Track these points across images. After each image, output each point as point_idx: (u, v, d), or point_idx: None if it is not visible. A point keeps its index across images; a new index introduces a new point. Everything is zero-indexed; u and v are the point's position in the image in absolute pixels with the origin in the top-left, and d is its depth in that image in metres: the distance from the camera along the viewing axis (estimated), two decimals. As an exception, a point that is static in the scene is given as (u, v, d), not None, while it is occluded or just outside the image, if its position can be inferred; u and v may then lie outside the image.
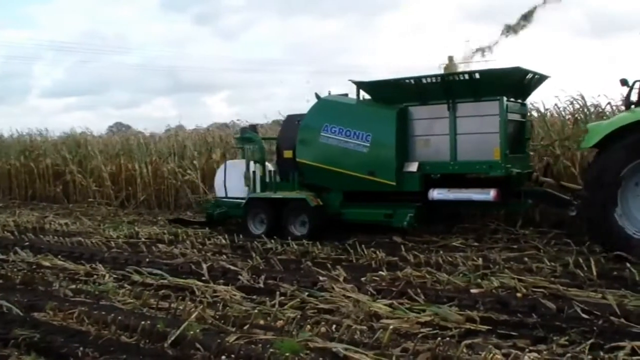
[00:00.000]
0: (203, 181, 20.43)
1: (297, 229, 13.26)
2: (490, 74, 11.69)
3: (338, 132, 12.83)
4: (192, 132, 25.04)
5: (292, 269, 10.18)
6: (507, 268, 9.36)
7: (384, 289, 8.33)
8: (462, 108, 11.84)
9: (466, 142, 11.80)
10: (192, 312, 7.07)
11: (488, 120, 11.53)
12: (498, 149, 11.39)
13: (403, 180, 12.31)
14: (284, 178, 14.02)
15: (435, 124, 12.16)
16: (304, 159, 13.40)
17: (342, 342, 5.99)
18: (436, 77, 12.21)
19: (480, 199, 11.70)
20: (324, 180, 13.28)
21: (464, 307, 7.34)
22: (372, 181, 12.50)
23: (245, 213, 14.10)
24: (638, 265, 8.88)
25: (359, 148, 12.59)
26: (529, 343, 6.02)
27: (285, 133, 14.37)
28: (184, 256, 11.28)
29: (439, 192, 12.02)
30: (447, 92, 11.83)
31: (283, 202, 13.53)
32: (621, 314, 6.73)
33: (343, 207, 13.23)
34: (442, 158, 12.05)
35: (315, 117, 13.37)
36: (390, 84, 12.71)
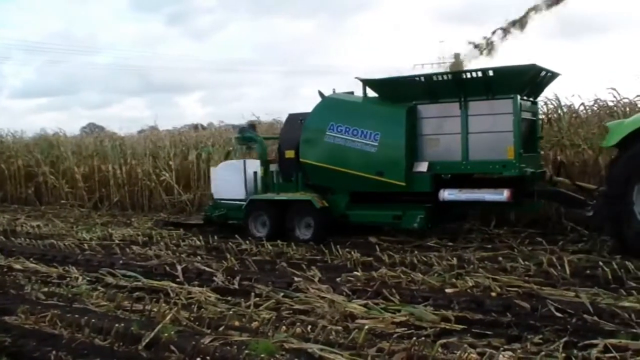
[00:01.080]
0: (178, 182, 20.35)
1: (302, 231, 12.90)
2: (504, 71, 11.34)
3: (344, 131, 12.49)
4: (167, 133, 24.89)
5: (267, 269, 10.16)
6: (481, 268, 9.42)
7: (359, 289, 8.34)
8: (475, 106, 11.55)
9: (478, 141, 11.51)
10: (166, 314, 7.03)
11: (501, 118, 11.27)
12: (512, 148, 11.15)
13: (413, 180, 11.99)
14: (286, 179, 13.69)
15: (445, 123, 11.86)
16: (308, 159, 13.02)
17: (317, 342, 5.98)
18: (448, 74, 12.00)
19: (494, 200, 11.42)
20: (329, 181, 12.96)
21: (439, 306, 7.37)
22: (381, 182, 12.17)
23: (246, 215, 13.71)
24: (610, 264, 8.97)
25: (367, 148, 12.25)
26: (503, 342, 6.04)
27: (287, 132, 13.99)
28: (158, 258, 11.22)
29: (449, 192, 11.74)
30: (459, 89, 11.56)
31: (287, 203, 13.19)
32: (594, 312, 6.80)
33: (349, 209, 12.91)
34: (453, 158, 11.74)
35: (320, 116, 13.01)
36: (400, 81, 12.44)
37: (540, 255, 10.05)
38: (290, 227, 12.97)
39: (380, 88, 12.74)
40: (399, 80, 12.42)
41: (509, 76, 11.21)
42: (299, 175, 13.26)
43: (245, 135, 14.76)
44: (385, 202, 12.66)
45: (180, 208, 20.03)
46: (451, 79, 11.72)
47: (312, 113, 13.18)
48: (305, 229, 12.89)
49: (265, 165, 14.15)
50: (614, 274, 8.51)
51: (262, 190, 13.94)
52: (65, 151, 23.95)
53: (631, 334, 6.03)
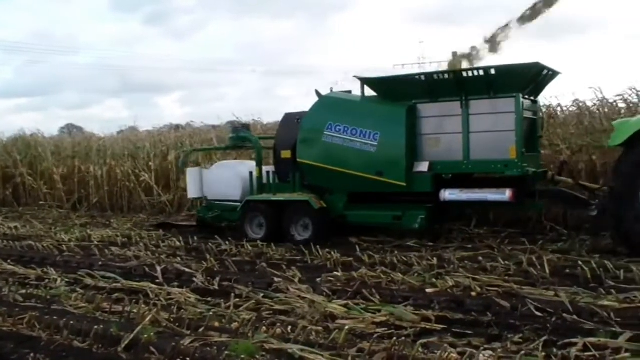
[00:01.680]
0: (157, 183, 20.28)
1: (300, 232, 12.67)
2: (507, 69, 11.20)
3: (343, 131, 12.27)
4: (147, 134, 24.78)
5: (247, 270, 10.13)
6: (461, 267, 9.44)
7: (339, 290, 8.34)
8: (476, 105, 11.41)
9: (480, 140, 11.38)
10: (146, 316, 6.99)
11: (503, 117, 11.16)
12: (514, 148, 11.04)
13: (413, 180, 11.82)
14: (282, 179, 13.47)
15: (446, 122, 11.72)
16: (306, 159, 12.77)
17: (297, 343, 5.96)
18: (449, 72, 11.84)
19: (496, 200, 11.30)
20: (327, 182, 12.76)
21: (419, 306, 7.38)
22: (380, 182, 11.98)
23: (242, 216, 13.45)
24: (589, 263, 9.03)
25: (366, 147, 12.05)
26: (483, 341, 6.05)
27: (283, 132, 13.79)
28: (137, 259, 11.15)
29: (451, 192, 11.59)
30: (460, 88, 11.42)
31: (284, 204, 12.98)
32: (573, 311, 6.83)
33: (347, 210, 12.72)
34: (454, 157, 11.59)
35: (318, 115, 12.79)
36: (399, 80, 12.35)
37: (520, 254, 10.09)
38: (287, 228, 12.76)
39: (379, 87, 12.54)
40: (399, 78, 12.34)
41: (512, 75, 11.11)
42: (296, 175, 13.07)
43: (240, 135, 14.50)
44: (385, 202, 12.53)
45: (160, 209, 19.97)
46: (452, 77, 11.62)
47: (310, 112, 12.99)
48: (303, 230, 12.69)
49: (260, 166, 13.93)
50: (593, 273, 8.58)
51: (258, 191, 13.75)
52: (44, 152, 23.78)
53: (610, 332, 6.05)
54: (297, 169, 13.07)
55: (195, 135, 21.95)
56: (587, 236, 11.62)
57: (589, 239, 11.39)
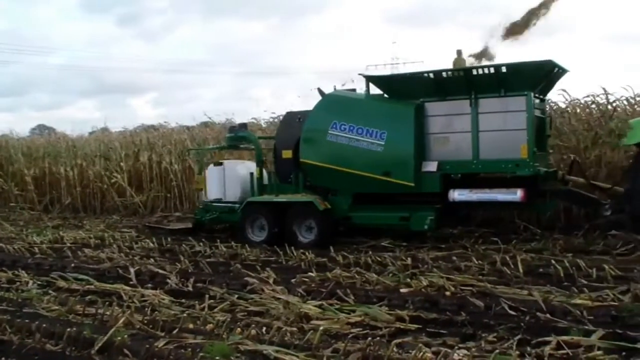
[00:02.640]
0: (130, 184, 20.17)
1: (304, 235, 12.37)
2: (519, 67, 11.04)
3: (348, 130, 11.99)
4: (118, 134, 24.63)
5: (221, 271, 10.10)
6: (435, 267, 9.48)
7: (314, 290, 8.33)
8: (486, 103, 11.23)
9: (490, 139, 11.18)
10: (119, 318, 6.94)
11: (514, 116, 10.98)
12: (525, 147, 10.87)
13: (421, 180, 11.59)
14: (283, 180, 13.12)
15: (455, 121, 11.50)
16: (309, 159, 12.48)
17: (272, 344, 5.96)
18: (458, 70, 11.69)
19: (507, 200, 11.14)
20: (332, 182, 12.46)
21: (393, 306, 7.40)
22: (388, 182, 11.72)
23: (242, 218, 13.04)
24: (562, 262, 9.10)
25: (373, 147, 11.79)
26: (458, 340, 6.08)
27: (284, 131, 13.50)
28: (110, 260, 11.07)
29: (460, 192, 11.42)
30: (470, 86, 11.23)
31: (287, 206, 12.58)
32: (547, 309, 6.88)
33: (352, 211, 12.41)
34: (463, 157, 11.39)
35: (322, 114, 12.50)
36: (407, 78, 12.13)
37: (494, 254, 10.15)
38: (290, 230, 12.39)
39: (386, 85, 12.36)
40: (407, 76, 12.15)
41: (523, 72, 10.99)
42: (299, 176, 12.79)
43: (238, 135, 14.12)
44: (391, 203, 12.32)
45: (133, 210, 19.85)
46: (462, 75, 11.43)
47: (314, 111, 12.72)
48: (306, 232, 12.38)
49: (260, 166, 13.60)
50: (566, 272, 8.65)
51: (258, 192, 13.40)
52: (15, 153, 23.55)
53: (583, 330, 6.11)
54: (298, 169, 12.80)
55: (167, 136, 21.84)
56: (559, 235, 11.69)
57: (561, 238, 11.46)
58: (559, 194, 11.95)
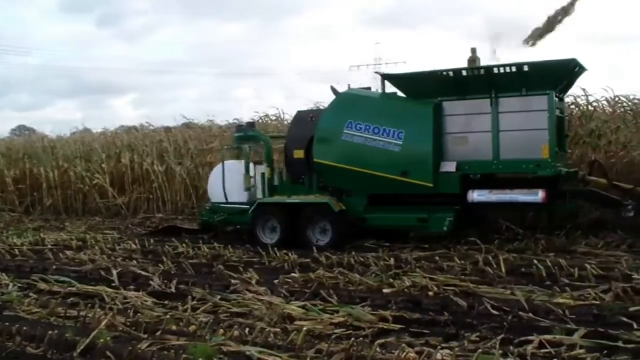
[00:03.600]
0: (112, 185, 20.08)
1: (317, 237, 12.16)
2: (541, 65, 10.88)
3: (364, 130, 11.79)
4: (99, 135, 24.52)
5: (204, 272, 10.07)
6: (418, 267, 9.50)
7: (297, 291, 8.32)
8: (506, 103, 11.10)
9: (510, 139, 11.03)
10: (101, 320, 6.88)
11: (536, 115, 10.85)
12: (547, 147, 10.74)
13: (439, 181, 11.42)
14: (295, 180, 13.01)
15: (474, 120, 11.35)
16: (323, 159, 12.26)
17: (255, 345, 5.93)
18: (478, 69, 11.47)
19: (528, 201, 11.00)
20: (346, 183, 12.24)
21: (376, 306, 7.40)
22: (405, 183, 11.55)
23: (253, 220, 12.79)
24: (544, 261, 9.15)
25: (390, 147, 11.60)
26: (441, 340, 6.08)
27: (296, 131, 13.22)
28: (92, 262, 11.01)
29: (479, 193, 11.22)
30: (490, 85, 11.13)
31: (300, 207, 12.35)
32: (529, 309, 6.90)
33: (367, 212, 12.19)
34: (483, 157, 11.24)
35: (337, 113, 12.32)
36: (425, 76, 11.85)
37: (476, 254, 10.19)
38: (303, 232, 12.18)
39: (403, 83, 12.20)
40: (425, 75, 11.88)
41: (546, 71, 10.89)
42: (313, 176, 12.60)
43: (248, 134, 13.78)
44: (406, 204, 12.12)
45: (115, 211, 19.78)
46: (482, 74, 11.26)
47: (328, 110, 12.57)
48: (320, 234, 12.17)
49: (271, 166, 13.29)
50: (548, 272, 8.70)
51: (269, 192, 13.11)
52: (-5, 154, 23.41)
53: (565, 329, 6.14)
54: (310, 169, 12.62)
55: (149, 137, 21.77)
56: (542, 235, 11.75)
57: (543, 238, 11.52)
58: (580, 195, 11.83)
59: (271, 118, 20.17)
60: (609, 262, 9.44)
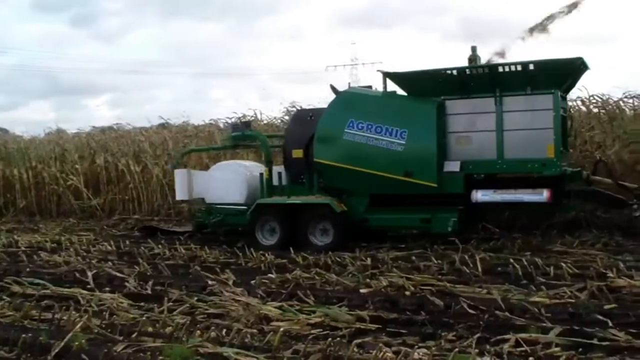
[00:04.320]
0: (87, 186, 19.94)
1: (318, 238, 11.94)
2: (547, 64, 10.76)
3: (366, 129, 11.56)
4: (74, 136, 24.33)
5: (180, 274, 10.02)
6: (395, 267, 9.51)
7: (274, 292, 8.31)
8: (511, 102, 10.96)
9: (515, 138, 10.90)
10: (76, 322, 6.82)
11: (541, 115, 10.72)
12: (552, 146, 10.59)
13: (443, 181, 11.25)
14: (294, 180, 12.66)
15: (478, 119, 11.19)
16: (324, 159, 12.00)
17: (232, 346, 5.91)
18: (483, 67, 11.33)
19: (533, 201, 10.88)
20: (348, 183, 12.01)
21: (353, 306, 7.39)
22: (409, 183, 11.35)
23: (251, 222, 12.56)
24: (520, 260, 9.20)
25: (393, 146, 11.39)
26: (418, 340, 6.10)
27: (295, 130, 12.95)
28: (67, 264, 10.92)
29: (483, 193, 11.06)
30: (494, 84, 10.96)
31: (300, 208, 12.14)
32: (505, 308, 6.93)
33: (369, 213, 11.99)
34: (487, 156, 11.08)
35: (338, 112, 12.05)
36: (428, 75, 11.61)
37: (453, 253, 10.22)
38: (304, 234, 11.97)
39: (405, 82, 12.00)
40: (428, 73, 11.65)
41: (552, 70, 10.80)
42: (314, 176, 12.29)
43: (245, 133, 13.53)
44: (409, 204, 11.94)
45: (91, 213, 19.65)
46: (487, 72, 11.12)
47: (329, 109, 12.29)
48: (321, 235, 11.97)
49: (269, 166, 12.99)
50: (524, 271, 8.75)
51: (267, 193, 12.80)
52: (-33, 155, 23.14)
53: (541, 327, 6.18)
54: (310, 169, 12.36)
55: (123, 137, 21.65)
56: (518, 234, 11.81)
57: (520, 237, 11.58)
58: (584, 195, 11.80)
59: (248, 119, 20.09)
60: (584, 261, 9.51)
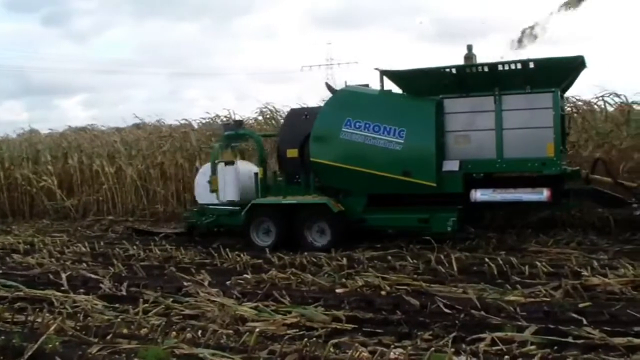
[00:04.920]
0: (60, 187, 19.78)
1: (315, 238, 11.81)
2: (547, 62, 10.63)
3: (364, 128, 11.39)
4: (46, 136, 24.11)
5: (155, 275, 9.97)
6: (371, 267, 9.53)
7: (250, 292, 8.29)
8: (510, 100, 10.87)
9: (514, 137, 10.80)
10: (50, 325, 6.76)
11: (540, 113, 10.63)
12: (552, 145, 10.53)
13: (442, 180, 11.14)
14: (289, 180, 12.49)
15: (477, 118, 11.09)
16: (320, 158, 11.82)
17: (208, 347, 5.89)
18: (482, 65, 11.14)
19: (533, 200, 10.80)
20: (345, 183, 11.84)
21: (329, 307, 7.41)
22: (407, 182, 11.21)
23: (247, 222, 12.35)
24: (496, 260, 9.25)
25: (391, 145, 11.23)
26: (394, 339, 6.12)
27: (289, 129, 12.78)
28: (41, 266, 10.81)
29: (482, 193, 10.98)
30: (494, 82, 10.87)
31: (296, 208, 11.97)
32: (481, 307, 6.98)
33: (366, 213, 11.86)
34: (486, 155, 10.98)
35: (335, 111, 11.87)
36: (427, 73, 11.42)
37: (429, 253, 10.24)
38: (300, 234, 11.83)
39: (403, 80, 11.84)
40: (427, 71, 11.45)
41: (552, 68, 10.68)
42: (309, 176, 12.11)
43: (239, 133, 13.40)
44: (406, 204, 11.78)
45: (64, 214, 19.49)
46: (486, 71, 10.96)
47: (325, 108, 12.18)
48: (318, 235, 11.82)
49: (264, 166, 12.91)
50: (499, 270, 8.81)
51: (262, 193, 12.61)
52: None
53: (516, 326, 6.22)
54: (305, 169, 12.19)
55: (97, 138, 21.50)
56: (493, 234, 11.87)
57: (495, 237, 11.64)
58: (583, 194, 11.75)
59: (222, 119, 20.05)
60: (559, 260, 9.59)
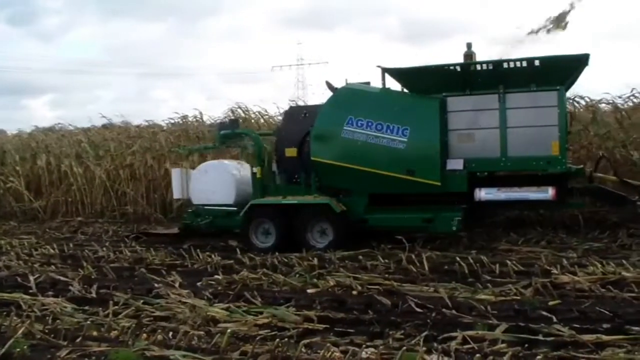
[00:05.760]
0: (28, 188, 19.59)
1: (316, 239, 11.58)
2: (553, 60, 10.58)
3: (366, 126, 11.19)
4: (13, 137, 23.87)
5: (125, 276, 9.89)
6: (342, 267, 9.54)
7: (221, 293, 8.26)
8: (515, 98, 10.78)
9: (519, 136, 10.71)
10: (18, 328, 6.67)
11: (545, 111, 10.55)
12: (557, 143, 10.46)
13: (446, 179, 10.97)
14: (288, 180, 12.31)
15: (481, 116, 10.96)
16: (321, 157, 11.61)
17: (180, 349, 5.86)
18: (487, 63, 11.02)
19: (538, 199, 10.73)
20: (347, 182, 11.67)
21: (301, 307, 7.40)
22: (411, 181, 11.04)
23: (246, 223, 12.09)
24: (467, 259, 9.31)
25: (394, 144, 11.05)
26: (366, 339, 6.12)
27: (287, 128, 12.55)
28: (8, 269, 10.68)
29: (487, 192, 10.89)
30: (498, 80, 10.79)
31: (297, 208, 11.75)
32: (452, 306, 7.02)
33: (368, 213, 11.65)
34: (491, 154, 10.87)
35: (336, 109, 11.69)
36: (430, 70, 11.31)
37: (400, 252, 10.23)
38: (301, 235, 11.57)
39: (406, 78, 11.72)
40: (430, 69, 11.36)
41: (557, 66, 10.64)
42: (311, 175, 11.92)
43: (236, 131, 13.15)
44: (409, 203, 11.70)
45: (32, 216, 19.30)
46: (491, 68, 10.88)
47: (326, 106, 11.96)
48: (319, 236, 11.61)
49: (262, 165, 12.57)
50: (470, 269, 8.86)
51: (260, 193, 12.36)
52: None
53: (487, 324, 6.26)
54: (304, 168, 12.00)
55: (65, 138, 21.33)
56: (463, 233, 11.92)
57: (465, 236, 11.70)
58: (588, 192, 11.76)
59: (190, 120, 20.01)
60: (529, 258, 9.68)
